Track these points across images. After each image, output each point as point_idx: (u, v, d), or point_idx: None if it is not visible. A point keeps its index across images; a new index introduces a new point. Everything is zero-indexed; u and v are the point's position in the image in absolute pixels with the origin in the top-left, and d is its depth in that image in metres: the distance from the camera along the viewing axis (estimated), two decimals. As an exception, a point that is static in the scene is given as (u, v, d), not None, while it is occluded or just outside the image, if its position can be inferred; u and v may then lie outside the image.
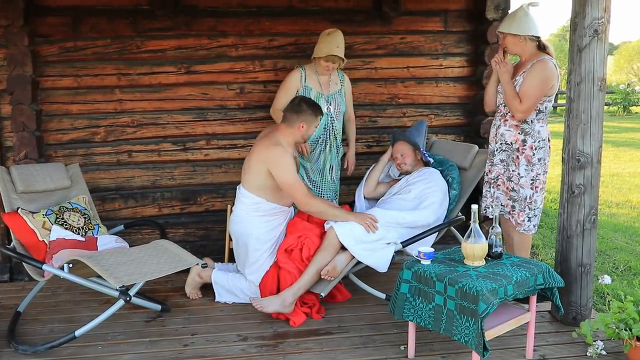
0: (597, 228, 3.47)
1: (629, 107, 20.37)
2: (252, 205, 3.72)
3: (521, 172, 3.65)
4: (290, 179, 3.59)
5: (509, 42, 3.67)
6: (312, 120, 3.74)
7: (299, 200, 3.64)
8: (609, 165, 10.07)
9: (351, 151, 4.49)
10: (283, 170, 3.59)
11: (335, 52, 4.05)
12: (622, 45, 35.88)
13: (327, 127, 4.23)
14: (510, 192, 3.74)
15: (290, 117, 3.72)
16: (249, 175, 3.72)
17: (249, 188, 3.72)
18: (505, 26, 3.66)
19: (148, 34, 4.50)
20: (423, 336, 3.32)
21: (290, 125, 3.72)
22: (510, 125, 3.68)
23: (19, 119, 4.26)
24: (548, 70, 3.55)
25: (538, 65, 3.55)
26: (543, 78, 3.54)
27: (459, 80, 4.93)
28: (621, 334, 2.99)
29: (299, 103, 3.76)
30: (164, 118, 4.63)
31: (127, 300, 3.11)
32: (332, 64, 4.11)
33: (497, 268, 2.96)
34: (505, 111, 3.71)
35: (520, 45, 3.64)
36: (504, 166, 3.76)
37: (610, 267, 5.04)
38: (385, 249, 3.65)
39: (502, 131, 3.72)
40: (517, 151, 3.66)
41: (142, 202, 4.70)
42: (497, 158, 3.78)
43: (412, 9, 4.77)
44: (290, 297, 3.56)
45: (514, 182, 3.70)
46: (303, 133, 3.74)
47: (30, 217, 3.66)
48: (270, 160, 3.61)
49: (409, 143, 4.17)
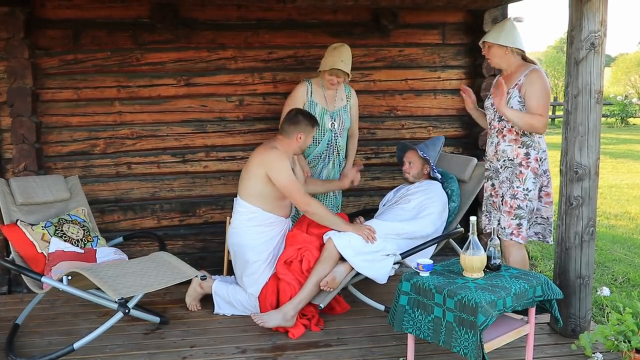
0: (595, 240, 3.47)
1: (626, 119, 20.45)
2: (249, 215, 3.73)
3: (529, 186, 3.48)
4: (288, 180, 3.62)
5: (494, 54, 3.54)
6: (309, 131, 3.78)
7: (298, 201, 3.66)
8: (607, 176, 10.09)
9: (347, 166, 4.45)
10: (280, 171, 3.62)
11: (339, 66, 4.04)
12: (620, 57, 36.06)
13: (330, 143, 4.23)
14: (515, 211, 3.51)
15: (288, 129, 3.75)
16: (246, 182, 3.74)
17: (245, 197, 3.74)
18: (492, 36, 3.53)
19: (148, 47, 4.53)
20: (422, 348, 3.32)
21: (288, 137, 3.75)
22: (510, 140, 3.53)
23: (18, 131, 4.27)
24: (545, 80, 3.47)
25: (535, 76, 3.44)
26: (545, 86, 3.46)
27: (457, 92, 4.95)
28: (620, 346, 2.99)
29: (296, 114, 3.80)
30: (163, 130, 4.64)
31: (126, 312, 3.11)
32: (336, 78, 4.10)
33: (495, 280, 2.96)
34: (500, 127, 3.57)
35: (506, 58, 3.52)
36: (508, 184, 3.56)
37: (609, 279, 5.04)
38: (385, 261, 3.65)
39: (503, 147, 3.56)
40: (519, 166, 3.50)
41: (141, 214, 4.71)
42: (503, 176, 3.59)
43: (410, 22, 4.81)
44: (292, 310, 3.56)
45: (520, 199, 3.49)
46: (301, 144, 3.77)
47: (29, 229, 3.66)
48: (267, 162, 3.64)
49: (420, 156, 4.14)
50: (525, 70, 3.48)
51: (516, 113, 3.42)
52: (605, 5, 3.21)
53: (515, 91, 3.48)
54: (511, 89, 3.49)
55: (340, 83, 4.17)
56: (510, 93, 3.49)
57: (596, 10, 3.19)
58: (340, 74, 4.09)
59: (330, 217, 3.72)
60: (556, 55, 33.40)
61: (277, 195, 3.71)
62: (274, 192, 3.69)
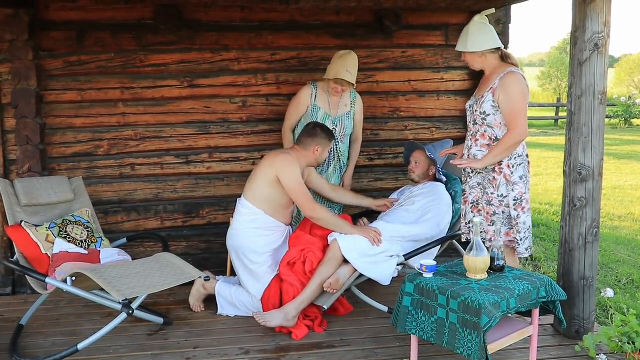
0: (599, 241, 3.47)
1: (630, 120, 20.39)
2: (251, 216, 3.74)
3: (503, 192, 3.37)
4: (296, 184, 3.66)
5: (469, 60, 3.46)
6: (326, 144, 3.85)
7: (304, 206, 3.68)
8: (610, 177, 10.07)
9: (349, 171, 4.47)
10: (290, 174, 3.65)
11: (343, 76, 4.01)
12: (623, 58, 35.97)
13: (331, 149, 4.24)
14: (491, 217, 3.43)
15: (305, 141, 3.81)
16: (254, 183, 3.76)
17: (250, 198, 3.75)
18: (460, 45, 3.44)
19: (151, 48, 4.54)
20: (426, 349, 3.32)
21: (305, 148, 3.80)
22: (481, 145, 3.42)
23: (23, 132, 4.28)
24: (520, 82, 3.31)
25: (509, 80, 3.30)
26: (519, 90, 3.30)
27: (460, 93, 4.96)
28: (624, 347, 2.99)
29: (314, 127, 3.86)
30: (166, 131, 4.65)
31: (130, 313, 3.11)
32: (340, 87, 4.09)
33: (499, 281, 2.96)
34: (475, 130, 3.46)
35: (481, 61, 3.43)
36: (481, 189, 3.49)
37: (613, 280, 5.03)
38: (388, 262, 3.65)
39: (474, 152, 3.45)
40: (492, 172, 3.39)
41: (144, 215, 4.71)
42: (473, 181, 3.52)
43: (413, 23, 4.81)
44: (294, 310, 3.56)
45: (495, 205, 3.40)
46: (317, 157, 3.83)
47: (33, 230, 3.67)
48: (278, 164, 3.68)
49: (428, 157, 4.13)
50: (501, 73, 3.35)
51: (493, 152, 3.32)
52: (608, 6, 3.20)
53: (489, 95, 3.36)
54: (486, 93, 3.38)
55: (344, 91, 4.16)
56: (484, 97, 3.38)
57: (600, 11, 3.19)
58: (345, 84, 4.08)
59: (336, 221, 3.73)
60: (559, 56, 33.32)
61: (281, 202, 3.73)
62: (279, 198, 3.71)
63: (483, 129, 3.42)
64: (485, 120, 3.39)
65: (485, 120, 3.39)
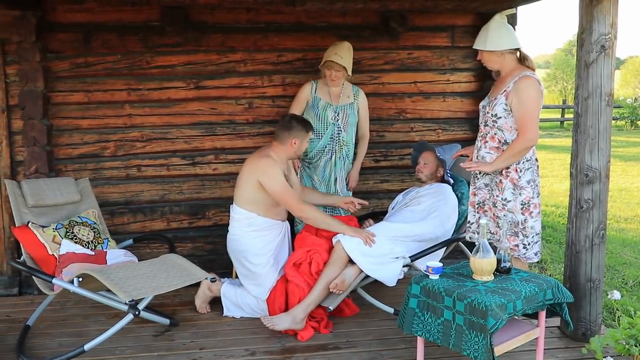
0: (605, 243, 3.46)
1: (636, 122, 20.31)
2: (245, 220, 3.75)
3: (507, 196, 3.34)
4: (280, 187, 3.65)
5: (486, 59, 3.41)
6: (303, 135, 3.79)
7: (291, 207, 3.69)
8: (617, 179, 10.03)
9: (354, 170, 4.46)
10: (271, 179, 3.64)
11: (333, 58, 4.05)
12: (629, 59, 35.81)
13: (333, 137, 4.24)
14: (497, 219, 3.41)
15: (282, 135, 3.77)
16: (240, 189, 3.77)
17: (240, 203, 3.77)
18: (479, 43, 3.39)
19: (158, 50, 4.56)
20: (432, 351, 3.31)
21: (282, 142, 3.77)
22: (490, 148, 3.40)
23: (30, 133, 4.30)
24: (534, 87, 3.28)
25: (523, 84, 3.26)
26: (533, 95, 3.27)
27: (466, 95, 4.96)
28: (631, 350, 2.97)
29: (290, 120, 3.84)
30: (173, 133, 4.66)
31: (136, 314, 3.12)
32: (334, 72, 4.10)
33: (505, 283, 2.95)
34: (485, 132, 3.43)
35: (499, 61, 3.38)
36: (488, 191, 3.46)
37: (620, 283, 5.01)
38: (394, 263, 3.65)
39: (483, 154, 3.43)
40: (500, 175, 3.36)
41: (150, 216, 4.73)
42: (480, 182, 3.50)
43: (419, 25, 4.81)
44: (301, 313, 3.56)
45: (499, 208, 3.38)
46: (296, 149, 3.80)
47: (40, 231, 3.68)
48: (259, 170, 3.67)
49: (437, 158, 4.13)
50: (516, 77, 3.31)
51: (503, 157, 3.30)
52: (615, 8, 3.20)
53: (502, 97, 3.32)
54: (499, 95, 3.34)
55: (340, 78, 4.16)
56: (497, 99, 3.35)
57: (607, 12, 3.18)
58: (336, 67, 4.08)
59: (326, 220, 3.73)
60: (565, 58, 33.20)
61: (270, 202, 3.74)
62: (267, 199, 3.72)
63: (493, 131, 3.41)
64: (496, 122, 3.37)
65: (496, 123, 3.37)
